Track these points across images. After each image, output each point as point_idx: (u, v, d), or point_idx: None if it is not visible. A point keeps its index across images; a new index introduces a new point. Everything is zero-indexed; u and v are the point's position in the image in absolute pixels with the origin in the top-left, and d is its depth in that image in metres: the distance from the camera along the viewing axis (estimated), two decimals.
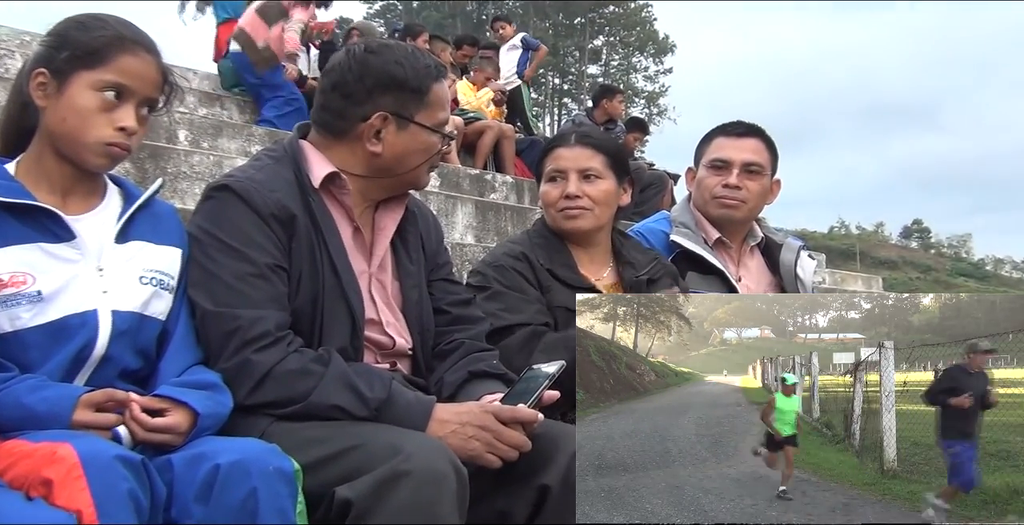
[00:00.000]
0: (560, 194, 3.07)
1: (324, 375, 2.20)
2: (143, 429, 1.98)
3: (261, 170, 2.40)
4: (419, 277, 2.64)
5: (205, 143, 7.05)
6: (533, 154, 10.37)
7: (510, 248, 3.07)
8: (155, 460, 1.92)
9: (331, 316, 2.36)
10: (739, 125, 3.65)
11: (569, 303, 2.95)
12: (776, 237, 3.73)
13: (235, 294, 2.22)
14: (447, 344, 2.62)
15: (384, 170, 2.49)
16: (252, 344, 2.19)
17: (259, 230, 2.29)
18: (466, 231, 7.10)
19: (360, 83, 2.43)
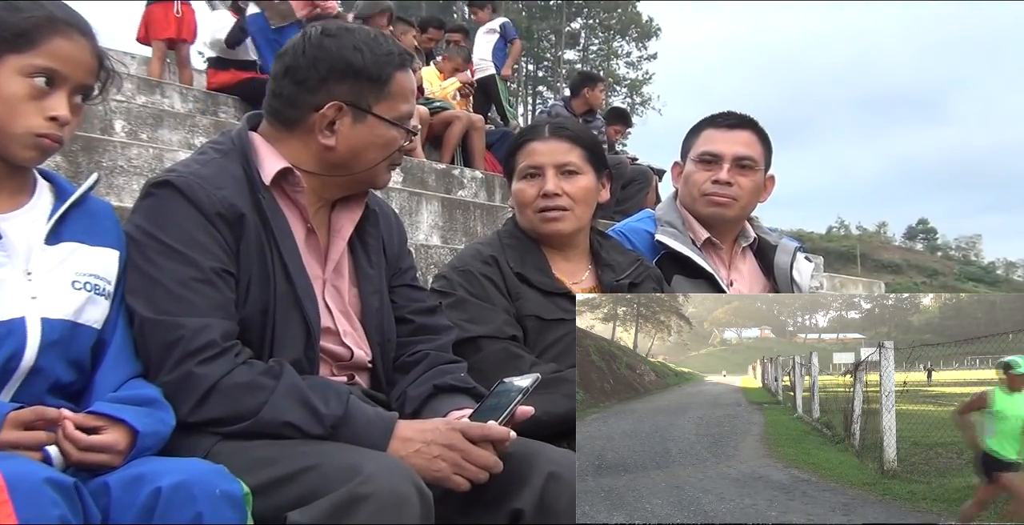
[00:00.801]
0: (537, 192, 3.07)
1: (275, 389, 2.19)
2: (77, 448, 1.97)
3: (206, 164, 2.39)
4: (380, 283, 2.64)
5: (144, 134, 7.02)
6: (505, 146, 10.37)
7: (478, 251, 3.07)
8: (89, 483, 1.91)
9: (283, 325, 2.35)
10: (730, 116, 3.67)
11: (542, 312, 2.96)
12: (770, 238, 3.75)
13: (177, 301, 2.21)
14: (410, 355, 2.63)
15: (339, 166, 2.49)
16: (196, 355, 2.17)
17: (204, 230, 2.28)
18: (432, 231, 7.10)
19: (313, 69, 2.43)
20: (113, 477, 1.95)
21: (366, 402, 2.35)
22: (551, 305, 2.98)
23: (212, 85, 9.53)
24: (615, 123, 12.16)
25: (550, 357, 2.91)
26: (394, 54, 2.49)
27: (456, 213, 7.39)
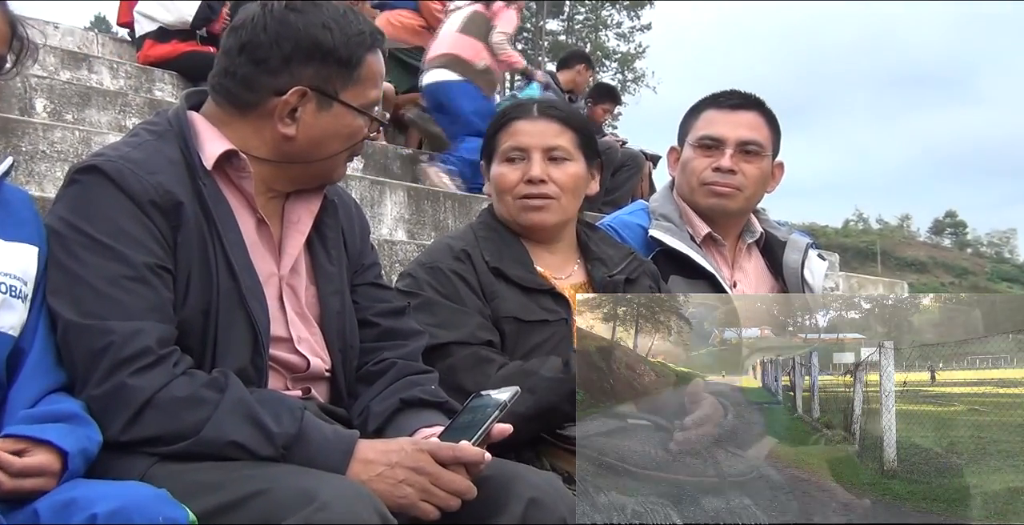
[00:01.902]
0: (521, 178, 3.06)
1: (219, 404, 2.18)
2: (7, 475, 1.95)
3: (138, 147, 2.38)
4: (340, 281, 2.63)
5: (69, 115, 6.99)
6: None
7: (448, 245, 3.06)
8: (14, 513, 1.90)
9: (227, 329, 2.34)
10: (733, 95, 3.67)
11: (521, 312, 2.95)
12: (779, 233, 3.76)
13: (106, 302, 2.20)
14: (375, 364, 2.62)
15: (295, 157, 2.49)
16: (128, 365, 2.15)
17: (136, 221, 2.26)
18: (396, 225, 7.09)
19: (276, 47, 2.41)
20: (42, 503, 1.94)
21: (323, 419, 2.35)
22: (532, 305, 2.98)
23: (148, 59, 9.46)
24: (602, 101, 11.95)
25: None
26: (365, 34, 2.48)
27: (424, 204, 7.39)
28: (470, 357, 2.82)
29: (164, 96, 8.71)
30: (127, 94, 7.82)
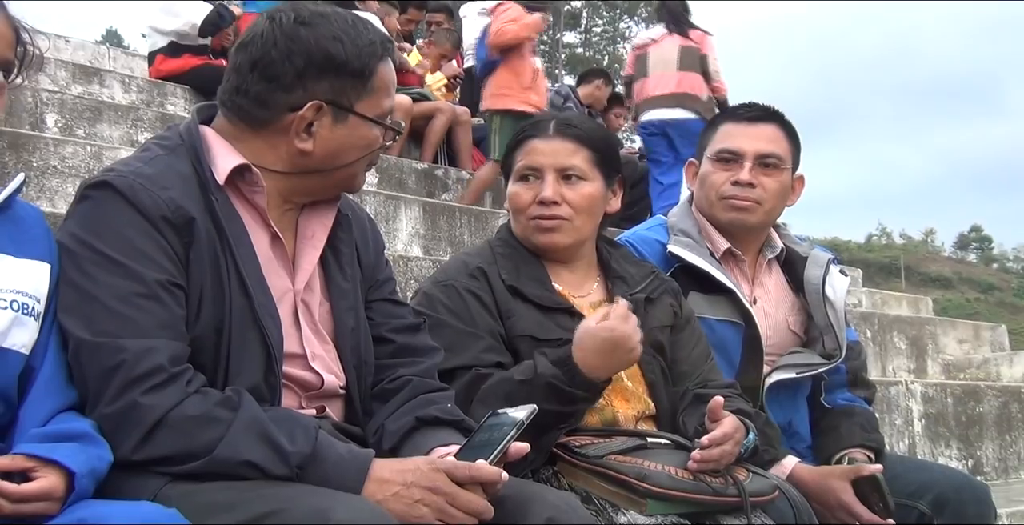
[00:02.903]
0: (533, 198, 3.05)
1: (232, 423, 2.18)
2: (8, 501, 1.95)
3: (150, 163, 2.39)
4: (355, 297, 2.64)
5: (80, 130, 7.02)
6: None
7: (464, 262, 3.06)
8: None
9: (240, 347, 2.34)
10: (752, 108, 3.67)
11: (537, 331, 2.93)
12: (800, 248, 3.75)
13: (118, 320, 2.20)
14: (390, 382, 2.62)
15: (311, 169, 2.49)
16: (140, 383, 2.16)
17: (148, 238, 2.27)
18: (411, 240, 7.10)
19: (288, 63, 2.41)
20: (52, 524, 1.94)
21: (338, 437, 2.35)
22: (549, 323, 2.96)
23: (160, 74, 9.49)
24: (615, 106, 12.12)
25: None
26: (376, 43, 2.48)
27: (439, 219, 7.39)
28: (466, 382, 2.80)
29: (176, 110, 8.74)
30: (139, 108, 7.85)
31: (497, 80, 9.20)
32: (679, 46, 9.76)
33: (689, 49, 9.77)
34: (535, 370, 2.71)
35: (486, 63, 9.33)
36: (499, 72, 9.20)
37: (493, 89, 9.20)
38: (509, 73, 9.18)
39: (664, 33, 9.97)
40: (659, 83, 9.62)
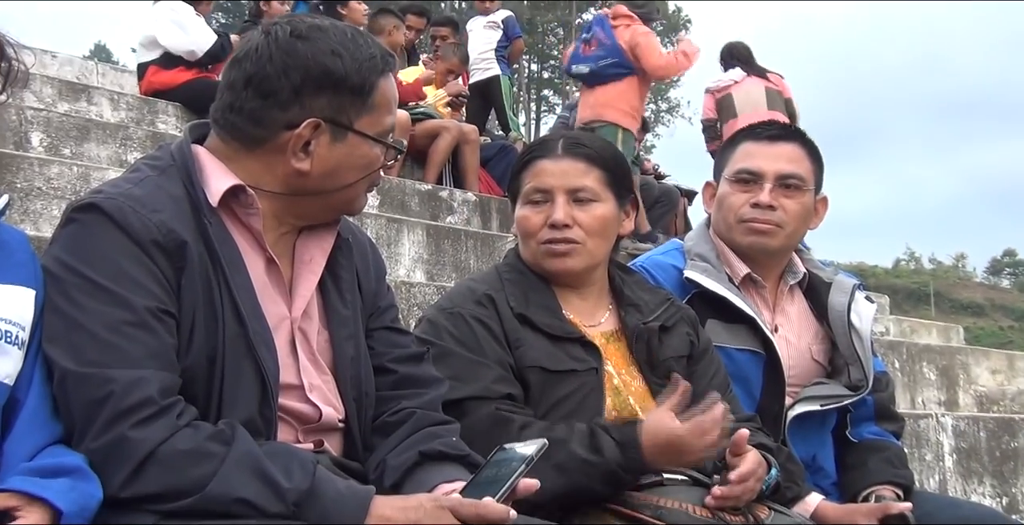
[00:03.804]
0: (543, 221, 3.05)
1: (225, 458, 2.17)
2: None
3: (140, 184, 2.39)
4: (355, 325, 2.63)
5: (67, 149, 7.04)
6: (503, 164, 10.37)
7: (471, 289, 3.06)
8: None
9: (234, 378, 2.34)
10: (772, 126, 3.68)
11: (547, 362, 2.93)
12: (823, 273, 3.75)
13: (106, 349, 2.20)
14: (392, 414, 2.62)
15: (308, 190, 2.50)
16: (129, 416, 2.15)
17: (138, 263, 2.27)
18: (414, 265, 7.10)
19: (285, 79, 2.42)
20: None
21: (337, 473, 2.34)
22: (559, 353, 2.96)
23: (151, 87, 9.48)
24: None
25: (558, 418, 2.88)
26: (377, 58, 2.49)
27: (444, 243, 7.40)
28: (487, 418, 2.80)
29: (167, 129, 8.77)
30: (128, 127, 7.88)
31: (627, 95, 9.65)
32: (764, 87, 10.20)
33: (772, 91, 10.19)
34: (601, 452, 2.72)
35: (606, 71, 9.71)
36: (626, 88, 9.65)
37: (622, 104, 9.61)
38: (634, 93, 9.67)
39: (743, 75, 10.37)
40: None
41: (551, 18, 67.30)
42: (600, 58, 9.75)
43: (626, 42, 9.58)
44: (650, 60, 9.53)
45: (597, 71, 9.72)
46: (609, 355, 3.04)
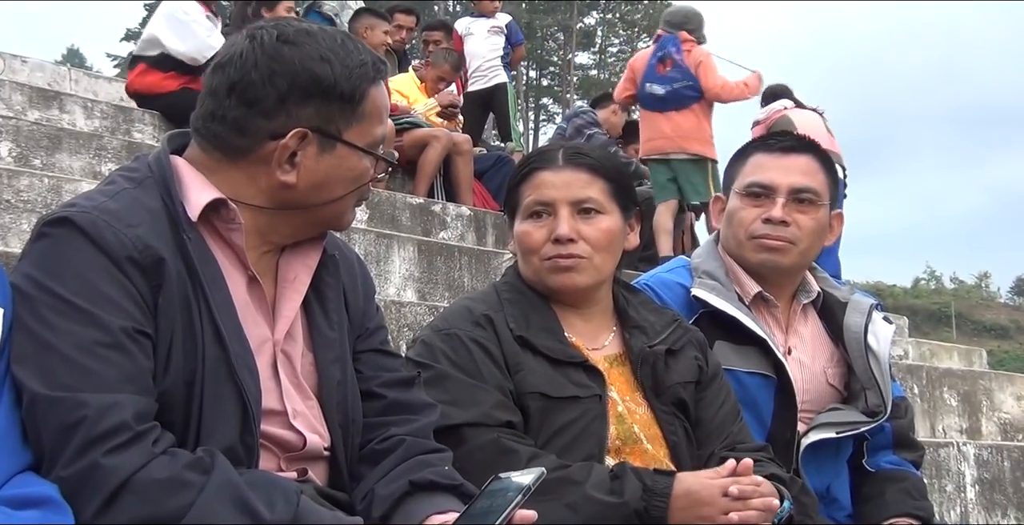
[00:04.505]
0: (547, 236, 3.04)
1: (204, 487, 2.16)
2: None
3: (115, 197, 2.38)
4: (342, 348, 2.63)
5: (37, 160, 7.03)
6: (500, 176, 10.36)
7: (468, 309, 3.05)
8: None
9: (214, 403, 2.33)
10: (784, 137, 3.69)
11: (548, 388, 2.92)
12: (839, 293, 3.75)
13: (78, 372, 2.19)
14: (380, 442, 2.61)
15: (294, 204, 2.49)
16: (102, 442, 2.14)
17: (112, 280, 2.26)
18: (405, 284, 7.09)
19: (270, 86, 2.41)
20: None
21: (322, 504, 2.34)
22: (561, 379, 2.95)
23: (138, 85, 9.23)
24: (633, 140, 11.82)
25: (559, 447, 2.88)
26: (367, 64, 2.48)
27: (436, 260, 7.39)
28: (489, 446, 2.79)
29: (144, 138, 8.76)
30: (103, 136, 7.87)
31: (703, 124, 10.11)
32: (815, 115, 10.55)
33: (823, 120, 10.54)
34: (622, 495, 2.72)
35: (682, 94, 10.05)
36: (701, 115, 10.09)
37: (703, 134, 10.07)
38: (708, 120, 10.14)
39: (791, 104, 10.69)
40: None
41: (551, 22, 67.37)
42: (675, 80, 10.00)
43: (692, 63, 9.93)
44: (709, 79, 9.87)
45: (673, 95, 10.00)
46: (613, 380, 3.04)
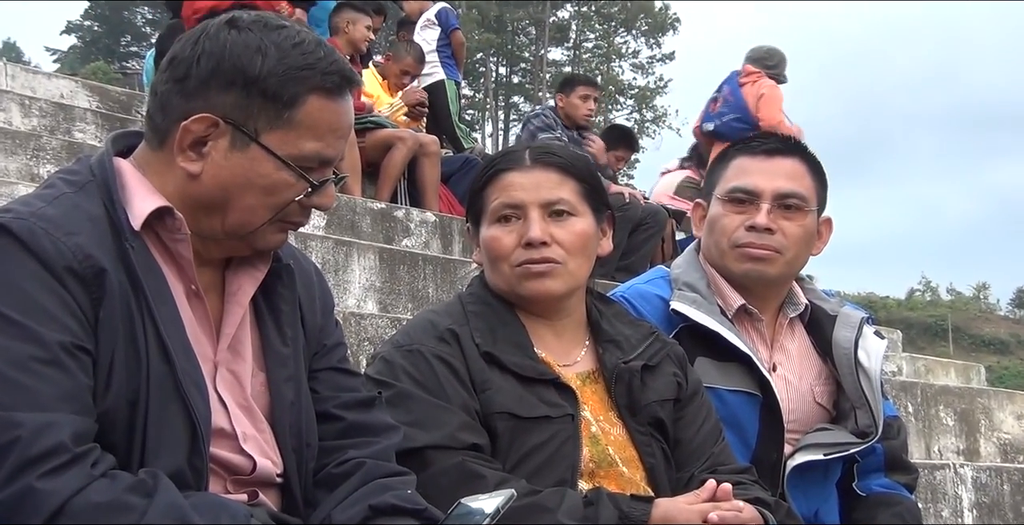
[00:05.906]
0: (517, 241, 3.03)
1: (146, 511, 2.15)
2: None
3: (54, 202, 2.38)
4: (296, 366, 2.62)
5: None
6: (467, 180, 10.35)
7: (431, 322, 3.04)
8: None
9: (159, 423, 2.32)
10: (769, 138, 3.69)
11: (517, 407, 2.91)
12: (827, 305, 3.75)
13: (12, 389, 2.18)
14: (338, 465, 2.61)
15: (205, 206, 2.47)
16: (37, 465, 2.13)
17: (49, 292, 2.25)
18: (365, 295, 7.09)
19: (196, 65, 2.42)
20: None
21: None
22: (531, 398, 2.94)
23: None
24: (618, 148, 11.84)
25: (529, 470, 2.87)
26: (315, 70, 2.45)
27: (399, 270, 7.39)
28: (454, 470, 2.77)
29: (86, 138, 8.74)
30: (41, 136, 7.85)
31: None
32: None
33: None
34: (597, 521, 2.72)
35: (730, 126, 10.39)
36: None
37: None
38: None
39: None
40: None
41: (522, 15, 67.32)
42: (723, 115, 10.48)
43: (753, 95, 10.31)
44: (768, 111, 10.24)
45: (723, 127, 10.39)
46: (586, 399, 3.03)
